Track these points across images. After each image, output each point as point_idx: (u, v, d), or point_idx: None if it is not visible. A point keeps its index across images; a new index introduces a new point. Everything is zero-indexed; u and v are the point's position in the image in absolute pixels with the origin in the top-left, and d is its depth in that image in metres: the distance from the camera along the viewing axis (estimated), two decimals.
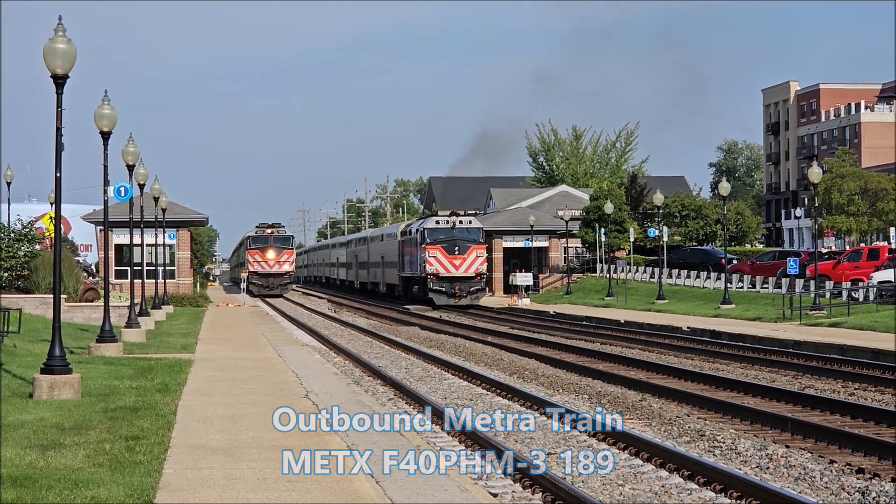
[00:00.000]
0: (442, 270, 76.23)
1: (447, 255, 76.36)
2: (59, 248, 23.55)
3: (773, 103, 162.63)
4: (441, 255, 76.39)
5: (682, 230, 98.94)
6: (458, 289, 76.29)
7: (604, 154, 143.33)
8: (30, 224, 53.04)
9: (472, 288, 76.87)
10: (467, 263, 76.60)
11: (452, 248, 76.48)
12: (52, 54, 22.01)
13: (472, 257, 76.90)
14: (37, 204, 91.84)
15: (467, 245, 76.88)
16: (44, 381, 21.77)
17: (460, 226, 77.52)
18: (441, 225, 77.50)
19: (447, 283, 76.29)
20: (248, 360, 32.61)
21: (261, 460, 15.74)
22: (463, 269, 76.51)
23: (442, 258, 76.30)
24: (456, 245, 76.56)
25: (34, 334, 36.18)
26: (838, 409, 24.03)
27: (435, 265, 76.15)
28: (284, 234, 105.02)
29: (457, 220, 77.89)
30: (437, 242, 76.39)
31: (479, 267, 77.18)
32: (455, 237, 76.92)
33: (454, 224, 77.48)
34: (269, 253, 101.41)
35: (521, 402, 26.22)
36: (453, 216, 78.90)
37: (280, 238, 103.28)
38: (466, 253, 76.72)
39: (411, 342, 46.12)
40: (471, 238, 77.44)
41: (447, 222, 77.72)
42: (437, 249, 76.33)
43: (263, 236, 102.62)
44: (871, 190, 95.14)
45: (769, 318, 52.32)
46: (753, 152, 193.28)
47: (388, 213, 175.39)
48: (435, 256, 76.24)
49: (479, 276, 77.28)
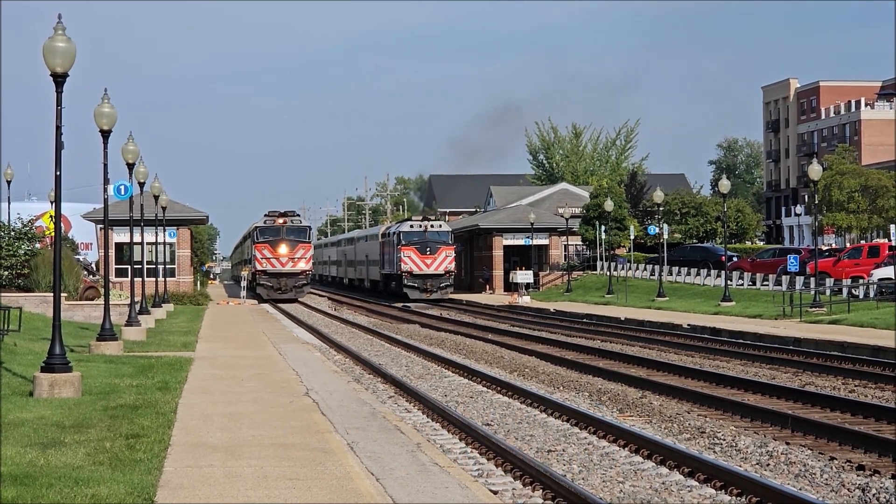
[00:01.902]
0: (415, 268, 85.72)
1: (420, 255, 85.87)
2: (59, 246, 23.56)
3: (774, 101, 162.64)
4: (414, 255, 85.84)
5: (682, 228, 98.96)
6: (429, 284, 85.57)
7: (604, 152, 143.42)
8: (30, 222, 53.09)
9: (441, 284, 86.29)
10: (437, 262, 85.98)
11: (424, 249, 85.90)
12: (51, 53, 22.02)
13: (442, 257, 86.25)
14: (37, 202, 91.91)
15: (437, 246, 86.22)
16: (44, 379, 21.79)
17: (431, 229, 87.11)
18: (415, 228, 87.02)
19: (420, 279, 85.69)
20: (248, 358, 32.64)
21: (261, 458, 15.74)
22: (434, 267, 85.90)
23: (415, 258, 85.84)
24: (427, 246, 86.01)
25: (34, 333, 36.20)
26: (838, 406, 24.05)
27: (409, 264, 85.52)
28: (300, 225, 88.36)
29: (428, 225, 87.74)
30: (411, 244, 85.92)
31: (448, 265, 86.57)
32: (427, 239, 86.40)
33: (426, 228, 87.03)
34: (282, 247, 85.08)
35: (521, 399, 26.23)
36: (425, 221, 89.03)
37: (294, 229, 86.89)
38: (437, 253, 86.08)
39: (412, 340, 46.14)
40: (441, 240, 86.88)
41: (420, 226, 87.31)
42: (412, 250, 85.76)
43: (274, 227, 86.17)
44: (872, 187, 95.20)
45: (769, 316, 52.33)
46: (753, 149, 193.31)
47: (389, 211, 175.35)
48: (409, 256, 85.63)
49: (448, 273, 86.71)
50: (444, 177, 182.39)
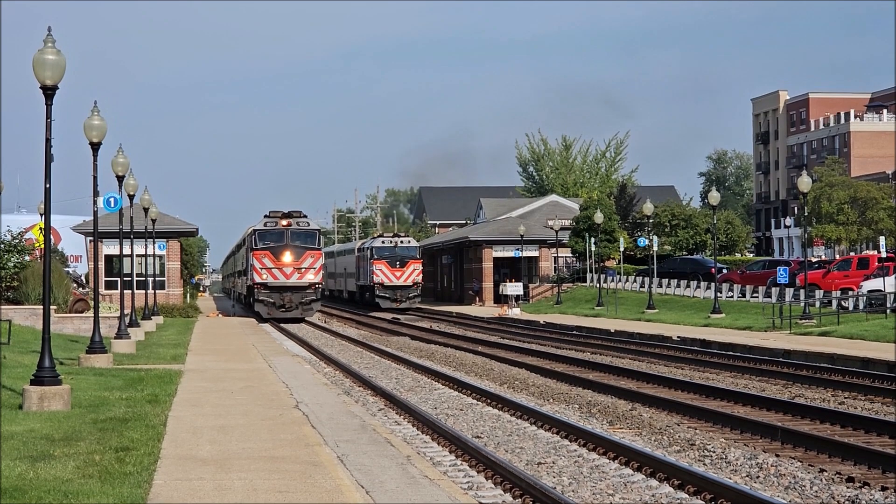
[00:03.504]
0: (386, 280, 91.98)
1: (390, 269, 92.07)
2: (48, 258, 23.53)
3: (763, 113, 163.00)
4: (385, 268, 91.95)
5: (672, 239, 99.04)
6: (399, 295, 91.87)
7: (593, 164, 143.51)
8: (19, 235, 52.97)
9: (410, 294, 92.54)
10: (406, 275, 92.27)
11: (394, 263, 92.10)
12: (41, 65, 21.99)
13: (410, 270, 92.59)
14: (26, 215, 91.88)
15: (406, 260, 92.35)
16: (33, 392, 21.73)
17: (401, 245, 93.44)
18: (386, 244, 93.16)
19: (390, 290, 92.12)
20: (238, 370, 32.59)
21: (251, 471, 15.72)
22: (403, 279, 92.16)
23: (386, 271, 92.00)
24: (397, 260, 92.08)
25: (24, 345, 36.13)
26: (828, 418, 24.07)
27: (381, 276, 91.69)
28: (308, 227, 74.60)
29: (398, 241, 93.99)
30: (382, 258, 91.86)
31: (416, 278, 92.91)
32: (396, 254, 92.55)
33: (396, 244, 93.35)
34: (286, 255, 72.38)
35: (511, 411, 26.22)
36: (395, 237, 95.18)
37: (301, 233, 73.76)
38: (406, 266, 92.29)
39: (402, 352, 46.13)
40: (409, 255, 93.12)
41: (391, 242, 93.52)
42: (383, 264, 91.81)
43: (277, 230, 73.10)
44: (861, 199, 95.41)
45: (759, 328, 52.37)
46: (743, 161, 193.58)
47: (379, 223, 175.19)
48: (381, 269, 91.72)
49: (416, 284, 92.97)
50: (434, 189, 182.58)
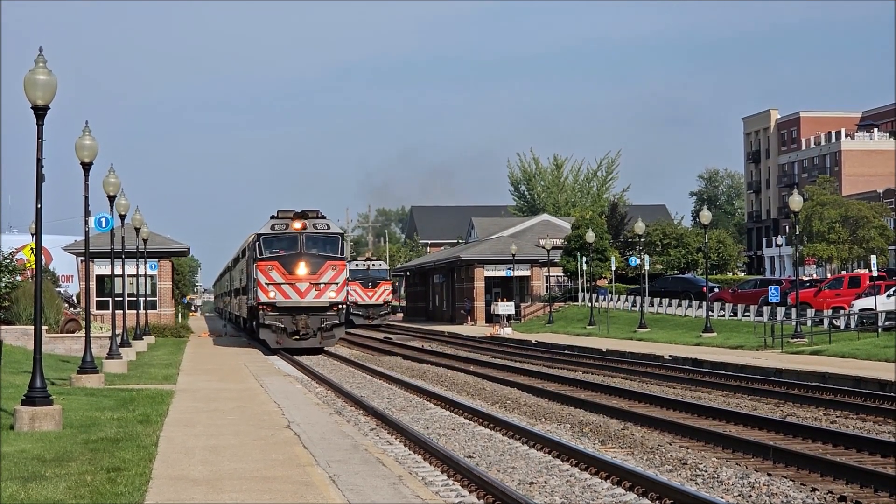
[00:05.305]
0: (360, 299, 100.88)
1: (363, 289, 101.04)
2: (40, 279, 23.51)
3: (754, 132, 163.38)
4: (359, 288, 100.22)
5: (663, 259, 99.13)
6: (371, 312, 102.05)
7: (585, 183, 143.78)
8: (11, 255, 52.92)
9: (381, 312, 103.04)
10: (377, 294, 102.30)
11: (367, 283, 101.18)
12: (32, 86, 21.99)
13: (381, 290, 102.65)
14: (18, 234, 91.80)
15: (378, 281, 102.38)
16: (25, 412, 21.69)
17: (373, 267, 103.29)
18: (360, 267, 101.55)
19: (363, 308, 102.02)
20: (230, 390, 32.54)
21: (243, 491, 15.69)
22: (374, 298, 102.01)
23: (360, 291, 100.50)
24: (370, 281, 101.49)
25: (15, 366, 36.05)
26: (820, 437, 24.06)
27: (354, 296, 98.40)
28: (328, 232, 58.49)
29: (371, 263, 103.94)
30: (356, 279, 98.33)
31: (386, 297, 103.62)
32: (369, 276, 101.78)
33: (369, 266, 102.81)
34: (301, 266, 56.53)
35: (503, 431, 26.19)
36: (368, 261, 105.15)
37: (320, 238, 58.00)
38: (377, 287, 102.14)
39: (393, 372, 46.06)
40: (380, 276, 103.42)
41: (364, 265, 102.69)
42: (357, 285, 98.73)
43: (288, 235, 57.52)
44: (852, 217, 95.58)
45: (751, 347, 52.38)
46: (734, 181, 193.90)
47: (370, 242, 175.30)
48: (355, 290, 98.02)
49: (386, 303, 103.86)
50: (425, 208, 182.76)
